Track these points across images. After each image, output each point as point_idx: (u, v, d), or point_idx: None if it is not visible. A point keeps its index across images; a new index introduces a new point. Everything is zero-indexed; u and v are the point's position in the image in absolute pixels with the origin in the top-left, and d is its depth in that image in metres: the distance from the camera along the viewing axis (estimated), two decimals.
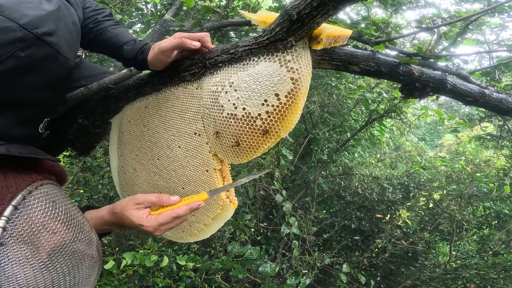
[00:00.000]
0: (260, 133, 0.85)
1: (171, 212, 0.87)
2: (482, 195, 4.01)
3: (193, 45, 0.90)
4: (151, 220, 0.86)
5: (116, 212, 0.88)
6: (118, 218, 0.88)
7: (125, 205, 0.87)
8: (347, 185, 4.57)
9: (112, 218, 0.89)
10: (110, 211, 0.89)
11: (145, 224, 0.86)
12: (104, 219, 0.90)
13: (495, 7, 1.59)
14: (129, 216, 0.86)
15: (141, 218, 0.86)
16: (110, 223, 0.90)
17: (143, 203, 0.88)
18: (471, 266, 3.74)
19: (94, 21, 1.04)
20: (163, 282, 2.22)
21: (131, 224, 0.87)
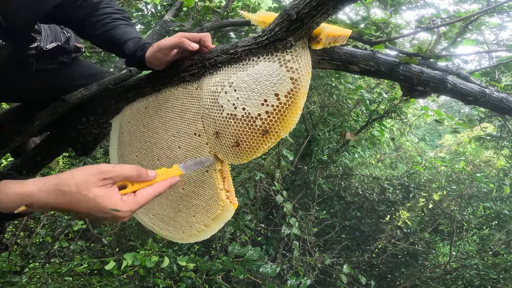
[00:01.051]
0: (260, 133, 0.85)
1: (152, 190, 0.69)
2: (482, 195, 4.02)
3: (192, 46, 0.90)
4: (130, 203, 0.65)
5: (67, 190, 0.61)
6: (69, 199, 0.61)
7: (84, 181, 0.62)
8: (347, 185, 4.57)
9: (55, 198, 0.61)
10: (51, 188, 0.61)
11: (122, 208, 0.64)
12: (37, 200, 0.61)
13: (494, 7, 1.59)
14: (94, 198, 0.62)
15: (114, 200, 0.63)
16: (48, 205, 0.62)
17: (112, 178, 0.64)
18: (471, 266, 3.74)
19: (111, 17, 1.05)
20: (163, 282, 2.22)
21: (93, 209, 0.62)
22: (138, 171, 0.68)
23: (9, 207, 0.61)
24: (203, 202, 1.01)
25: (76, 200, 0.61)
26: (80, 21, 1.05)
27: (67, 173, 0.63)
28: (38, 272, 2.42)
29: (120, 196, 0.65)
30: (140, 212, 1.19)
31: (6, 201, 0.61)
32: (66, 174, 0.63)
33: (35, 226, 3.01)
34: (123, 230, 3.11)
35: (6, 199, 0.61)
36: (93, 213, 0.63)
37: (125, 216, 0.65)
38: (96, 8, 1.05)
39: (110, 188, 0.64)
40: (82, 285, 2.19)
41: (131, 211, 0.65)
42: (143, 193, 0.68)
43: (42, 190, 0.61)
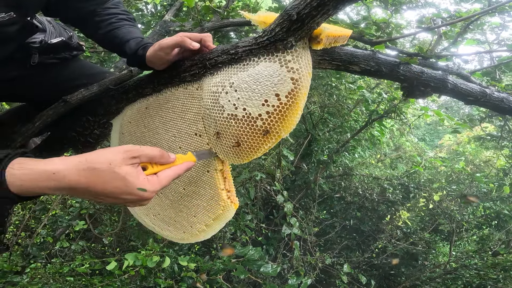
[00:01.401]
0: (260, 134, 0.85)
1: (172, 172, 0.70)
2: (482, 195, 4.02)
3: (192, 45, 0.90)
4: (155, 183, 0.65)
5: (97, 168, 0.59)
6: (97, 177, 0.60)
7: (115, 158, 0.61)
8: (347, 185, 4.57)
9: (83, 177, 0.59)
10: (80, 166, 0.59)
11: (149, 188, 0.64)
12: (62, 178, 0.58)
13: (495, 7, 1.59)
14: (125, 175, 0.61)
15: (142, 179, 0.63)
16: (73, 186, 0.59)
17: (139, 157, 0.65)
18: (471, 266, 3.74)
19: (116, 17, 1.06)
20: (164, 282, 2.23)
21: (121, 188, 0.61)
22: (162, 153, 0.69)
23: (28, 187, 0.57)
24: (204, 202, 1.02)
25: (106, 178, 0.60)
26: (84, 18, 1.06)
27: (93, 153, 0.62)
28: (39, 272, 2.42)
29: (146, 176, 0.65)
30: (141, 213, 1.19)
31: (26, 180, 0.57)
32: (93, 153, 0.62)
33: (36, 226, 3.01)
34: (124, 230, 3.12)
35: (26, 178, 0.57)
36: (118, 193, 0.62)
37: (150, 197, 0.65)
38: (103, 7, 1.06)
39: (137, 167, 0.64)
40: (84, 285, 2.19)
41: (155, 191, 0.65)
42: (165, 174, 0.68)
43: (69, 168, 0.59)
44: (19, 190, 0.57)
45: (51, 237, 2.94)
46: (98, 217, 3.18)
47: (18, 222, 3.01)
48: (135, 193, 0.62)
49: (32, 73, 1.09)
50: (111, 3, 1.09)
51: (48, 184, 0.58)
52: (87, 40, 2.26)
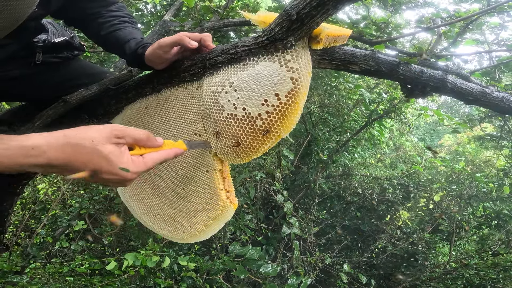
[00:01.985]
0: (260, 133, 0.85)
1: (159, 155, 0.69)
2: (481, 195, 4.02)
3: (191, 44, 0.90)
4: (139, 164, 0.64)
5: (80, 144, 0.58)
6: (79, 154, 0.58)
7: (99, 136, 0.60)
8: (347, 185, 4.57)
9: (63, 153, 0.57)
10: (61, 142, 0.57)
11: (132, 168, 0.62)
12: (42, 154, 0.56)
13: (495, 7, 1.59)
14: (107, 154, 0.59)
15: (126, 159, 0.62)
16: (52, 162, 0.56)
17: (124, 137, 0.64)
18: (471, 266, 3.74)
19: (118, 19, 1.07)
20: (164, 282, 2.23)
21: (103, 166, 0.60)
22: (148, 136, 0.68)
23: (8, 164, 0.54)
24: (203, 202, 1.02)
25: (88, 155, 0.58)
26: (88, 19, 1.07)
27: (76, 128, 0.60)
28: (39, 272, 2.42)
29: (131, 157, 0.64)
30: (140, 212, 1.19)
31: (4, 156, 0.54)
32: (75, 129, 0.60)
33: (35, 226, 3.01)
34: (124, 230, 3.12)
35: (5, 154, 0.54)
36: (100, 172, 0.60)
37: (132, 178, 0.64)
38: (106, 9, 1.08)
39: (122, 147, 0.63)
40: (84, 285, 2.19)
41: (138, 172, 0.64)
42: (151, 157, 0.67)
43: (50, 143, 0.57)
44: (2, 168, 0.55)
45: (51, 237, 2.94)
46: (98, 217, 3.18)
47: (18, 222, 3.01)
48: (117, 172, 0.61)
49: (35, 72, 1.10)
50: (115, 6, 1.10)
51: (28, 161, 0.55)
52: (87, 40, 2.26)
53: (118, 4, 1.12)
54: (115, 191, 2.83)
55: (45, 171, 0.59)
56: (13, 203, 1.19)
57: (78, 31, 1.32)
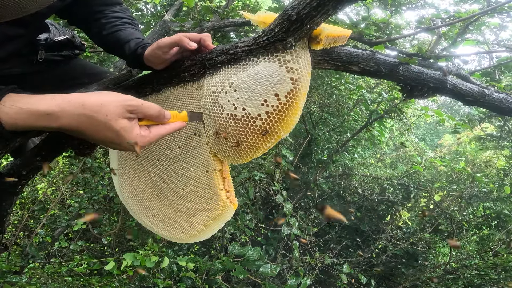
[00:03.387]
0: (260, 134, 0.85)
1: (164, 130, 0.72)
2: (482, 195, 4.01)
3: (190, 45, 0.90)
4: (145, 138, 0.67)
5: (94, 116, 0.60)
6: (92, 125, 0.61)
7: (114, 111, 0.62)
8: (347, 185, 4.57)
9: (77, 121, 0.60)
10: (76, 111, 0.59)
11: (139, 143, 0.65)
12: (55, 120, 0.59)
13: (495, 8, 1.59)
14: (119, 129, 0.62)
15: (135, 135, 0.65)
16: (64, 127, 0.60)
17: (137, 113, 0.66)
18: (471, 266, 3.74)
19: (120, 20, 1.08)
20: (163, 283, 2.22)
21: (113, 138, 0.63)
22: (159, 113, 0.70)
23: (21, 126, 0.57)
24: (203, 202, 1.01)
25: (100, 127, 0.61)
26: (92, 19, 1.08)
27: (92, 97, 0.62)
28: (38, 272, 2.42)
29: (140, 131, 0.66)
30: (140, 213, 1.19)
31: (19, 119, 0.57)
32: (92, 98, 0.62)
33: (35, 226, 3.01)
34: (123, 231, 3.12)
35: (19, 117, 0.57)
36: (107, 141, 0.64)
37: (135, 150, 0.66)
38: (110, 9, 1.08)
39: (133, 121, 0.66)
40: (82, 285, 2.19)
41: (142, 146, 0.67)
42: (157, 131, 0.70)
43: (65, 110, 0.59)
44: (12, 127, 0.58)
45: (50, 237, 2.94)
46: None
47: (17, 222, 3.01)
48: (124, 145, 0.65)
49: (37, 70, 1.11)
50: (119, 7, 1.11)
51: (40, 124, 0.59)
52: (87, 40, 2.26)
53: (122, 6, 1.13)
54: (114, 191, 2.83)
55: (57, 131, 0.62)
56: (12, 203, 1.19)
57: (78, 31, 1.33)
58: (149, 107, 0.68)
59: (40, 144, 1.21)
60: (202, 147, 0.97)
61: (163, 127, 0.72)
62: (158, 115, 0.70)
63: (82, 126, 0.61)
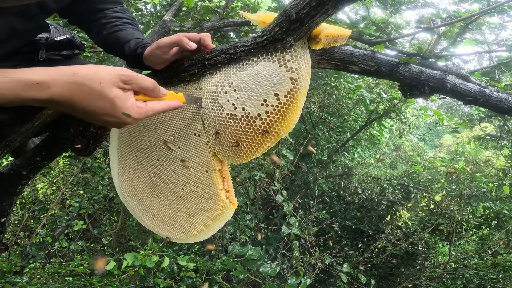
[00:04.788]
0: (259, 133, 0.85)
1: (160, 106, 0.70)
2: (481, 195, 4.02)
3: (190, 45, 0.90)
4: (141, 111, 0.65)
5: (87, 84, 0.58)
6: (85, 94, 0.58)
7: (109, 78, 0.60)
8: (347, 185, 4.57)
9: (69, 91, 0.57)
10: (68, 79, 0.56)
11: (133, 115, 0.63)
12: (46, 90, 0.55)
13: (494, 7, 1.59)
14: (113, 97, 0.60)
15: (130, 105, 0.63)
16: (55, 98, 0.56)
17: (131, 84, 0.64)
18: (471, 266, 3.74)
19: (121, 21, 1.08)
20: (164, 282, 2.22)
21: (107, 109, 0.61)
22: (154, 86, 0.68)
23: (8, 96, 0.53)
24: (202, 202, 1.02)
25: (93, 96, 0.58)
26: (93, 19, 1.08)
27: (84, 67, 0.59)
28: (38, 272, 2.42)
29: (135, 102, 0.64)
30: (140, 213, 1.19)
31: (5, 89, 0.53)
32: (83, 68, 0.59)
33: (35, 226, 3.01)
34: (123, 230, 3.12)
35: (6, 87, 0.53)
36: (101, 113, 0.61)
37: (131, 123, 0.65)
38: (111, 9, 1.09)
39: (127, 92, 0.64)
40: (83, 285, 2.19)
41: (138, 119, 0.65)
42: (153, 106, 0.68)
43: (56, 79, 0.56)
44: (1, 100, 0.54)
45: (50, 237, 2.94)
46: (98, 217, 3.18)
47: (17, 222, 3.01)
48: (118, 116, 0.62)
49: None
50: (119, 8, 1.12)
51: (29, 95, 0.55)
52: (87, 40, 2.26)
53: (122, 6, 1.14)
54: (114, 191, 2.83)
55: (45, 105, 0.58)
56: (12, 203, 1.19)
57: (78, 31, 1.33)
58: (143, 78, 0.66)
59: (40, 144, 1.21)
60: (201, 147, 0.98)
61: (158, 103, 0.70)
62: (154, 88, 0.68)
63: (74, 95, 0.57)
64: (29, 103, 0.56)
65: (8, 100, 0.54)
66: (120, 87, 0.62)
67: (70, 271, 2.40)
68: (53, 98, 0.56)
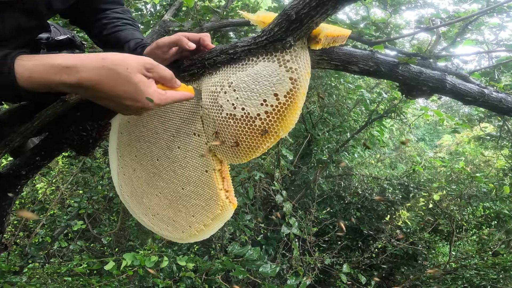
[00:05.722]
0: (259, 133, 0.85)
1: (178, 95, 0.74)
2: (481, 195, 4.02)
3: (189, 45, 0.90)
4: (161, 97, 0.69)
5: (115, 69, 0.61)
6: (112, 78, 0.61)
7: (135, 64, 0.64)
8: (347, 185, 4.57)
9: (97, 75, 0.59)
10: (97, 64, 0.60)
11: (155, 100, 0.67)
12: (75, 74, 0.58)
13: (494, 8, 1.59)
14: (138, 82, 0.63)
15: (152, 90, 0.66)
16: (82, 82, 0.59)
17: (153, 72, 0.68)
18: (471, 266, 3.74)
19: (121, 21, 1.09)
20: (163, 282, 2.22)
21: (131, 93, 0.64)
22: (172, 76, 0.72)
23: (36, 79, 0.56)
24: (202, 202, 1.02)
25: (120, 80, 0.61)
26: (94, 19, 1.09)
27: (114, 54, 0.63)
28: (37, 272, 2.42)
29: (157, 89, 0.68)
30: (139, 212, 1.19)
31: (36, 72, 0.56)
32: (113, 54, 0.63)
33: (34, 226, 3.01)
34: (123, 230, 3.12)
35: (37, 69, 0.56)
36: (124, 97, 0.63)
37: (151, 108, 0.69)
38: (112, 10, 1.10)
39: (150, 79, 0.67)
40: (82, 285, 2.18)
41: (158, 105, 0.69)
42: (172, 94, 0.72)
43: (85, 64, 0.59)
44: (26, 82, 0.57)
45: (50, 237, 2.94)
46: (97, 217, 3.18)
47: (17, 222, 3.00)
48: (141, 100, 0.65)
49: None
50: (120, 9, 1.13)
51: (58, 78, 0.57)
52: (87, 40, 2.26)
53: (123, 7, 1.15)
54: (114, 191, 2.83)
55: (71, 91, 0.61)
56: (11, 203, 1.19)
57: (78, 31, 1.33)
58: (164, 69, 0.70)
59: (40, 144, 1.21)
60: (201, 147, 0.98)
61: (177, 92, 0.74)
62: (171, 79, 0.72)
63: (101, 80, 0.60)
64: (57, 87, 0.59)
65: (37, 85, 0.57)
66: (144, 74, 0.65)
67: (69, 271, 2.40)
68: (81, 82, 0.59)
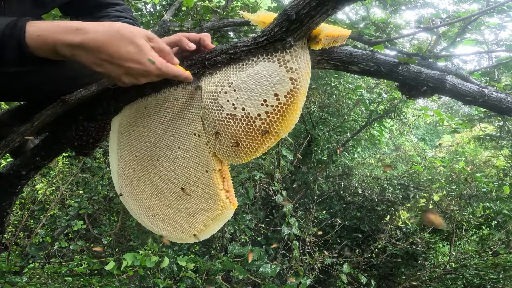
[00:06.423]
0: (259, 133, 0.85)
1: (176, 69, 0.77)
2: (481, 195, 4.01)
3: (189, 46, 0.90)
4: (163, 63, 0.73)
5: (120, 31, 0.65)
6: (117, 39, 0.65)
7: (139, 31, 0.69)
8: (347, 185, 4.57)
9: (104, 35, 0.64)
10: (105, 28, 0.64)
11: (157, 63, 0.70)
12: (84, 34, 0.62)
13: (494, 7, 1.59)
14: (141, 45, 0.68)
15: (155, 54, 0.71)
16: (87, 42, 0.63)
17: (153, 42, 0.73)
18: (471, 266, 3.73)
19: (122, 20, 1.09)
20: (163, 283, 2.22)
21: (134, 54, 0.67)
22: (170, 51, 0.77)
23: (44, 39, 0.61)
24: (202, 202, 1.02)
25: (124, 41, 0.65)
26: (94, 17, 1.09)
27: (121, 23, 0.68)
28: (38, 273, 2.42)
29: (157, 54, 0.72)
30: (139, 213, 1.19)
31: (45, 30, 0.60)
32: (120, 23, 0.68)
33: (34, 226, 3.01)
34: (123, 230, 3.12)
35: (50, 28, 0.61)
36: (127, 58, 0.66)
37: (152, 73, 0.71)
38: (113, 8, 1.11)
39: None
40: (82, 285, 2.18)
41: (159, 69, 0.71)
42: (172, 66, 0.75)
43: (94, 26, 0.64)
44: (33, 41, 0.60)
45: (50, 237, 2.94)
46: (97, 217, 3.18)
47: (17, 222, 3.01)
48: (143, 62, 0.68)
49: (38, 68, 1.10)
50: (121, 8, 1.13)
51: (65, 37, 0.61)
52: None
53: (124, 6, 1.15)
54: (114, 191, 2.83)
55: (74, 54, 0.64)
56: (12, 203, 1.19)
57: None
58: (163, 42, 0.75)
59: (40, 144, 1.21)
60: (201, 147, 0.98)
61: (175, 67, 0.77)
62: (170, 53, 0.76)
63: (107, 39, 0.64)
64: (61, 50, 0.62)
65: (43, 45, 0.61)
66: (146, 40, 0.70)
67: (69, 271, 2.40)
68: (84, 43, 0.63)
